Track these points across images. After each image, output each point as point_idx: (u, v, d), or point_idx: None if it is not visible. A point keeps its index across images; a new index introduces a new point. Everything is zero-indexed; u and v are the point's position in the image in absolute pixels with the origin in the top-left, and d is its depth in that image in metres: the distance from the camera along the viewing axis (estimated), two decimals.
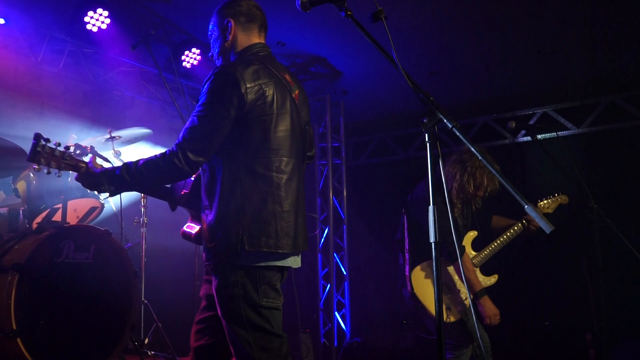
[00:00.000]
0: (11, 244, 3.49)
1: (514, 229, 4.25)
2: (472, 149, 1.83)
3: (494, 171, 1.83)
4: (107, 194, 2.47)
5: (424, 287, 3.89)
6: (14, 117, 5.46)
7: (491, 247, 4.20)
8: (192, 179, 2.64)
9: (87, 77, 5.74)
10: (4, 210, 3.95)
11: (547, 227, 1.68)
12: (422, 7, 5.02)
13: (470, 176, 3.99)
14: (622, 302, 5.73)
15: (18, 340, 3.21)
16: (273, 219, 2.39)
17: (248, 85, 2.37)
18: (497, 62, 6.11)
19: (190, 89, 6.44)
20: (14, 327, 3.20)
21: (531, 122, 7.01)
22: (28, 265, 3.28)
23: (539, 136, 4.73)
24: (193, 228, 2.61)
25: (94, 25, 5.16)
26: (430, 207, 1.92)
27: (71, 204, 3.91)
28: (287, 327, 5.76)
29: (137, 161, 2.40)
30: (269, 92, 2.43)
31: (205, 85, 2.41)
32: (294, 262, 2.54)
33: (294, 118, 2.52)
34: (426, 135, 1.96)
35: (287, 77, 2.58)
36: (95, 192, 2.54)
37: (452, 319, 3.81)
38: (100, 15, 5.14)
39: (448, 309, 3.86)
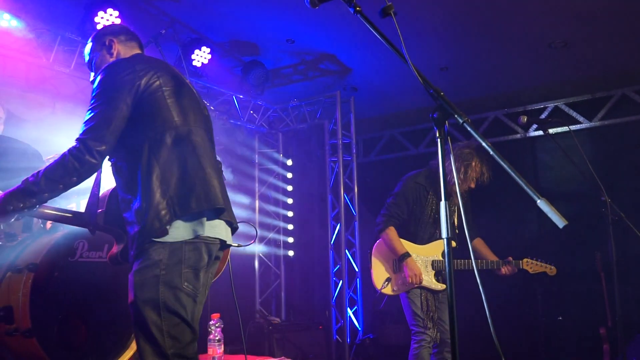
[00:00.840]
0: (26, 244, 3.51)
1: (487, 262, 4.41)
2: (484, 144, 1.81)
3: (505, 165, 1.82)
4: (14, 217, 2.39)
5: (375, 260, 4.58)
6: (26, 117, 5.50)
7: (459, 262, 4.38)
8: (107, 195, 2.59)
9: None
10: None
11: (560, 222, 1.66)
12: (432, 2, 4.99)
13: (465, 169, 4.36)
14: (636, 297, 5.69)
15: (34, 339, 3.22)
16: (199, 183, 2.36)
17: (138, 69, 2.45)
18: (507, 56, 6.07)
19: (201, 87, 6.45)
20: (30, 325, 3.21)
21: (542, 117, 6.97)
22: (43, 265, 3.29)
23: (550, 130, 4.71)
24: (118, 248, 2.53)
25: (104, 25, 5.18)
26: (442, 203, 1.90)
27: (84, 204, 3.93)
28: (303, 323, 5.79)
29: (38, 171, 2.35)
30: (160, 74, 2.49)
31: (97, 80, 2.44)
32: (226, 234, 2.50)
33: (192, 91, 2.64)
34: (437, 131, 1.94)
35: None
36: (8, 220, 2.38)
37: (389, 292, 4.40)
38: (111, 15, 5.16)
39: (387, 280, 4.41)
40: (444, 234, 1.89)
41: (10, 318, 3.22)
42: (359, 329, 6.96)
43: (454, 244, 4.43)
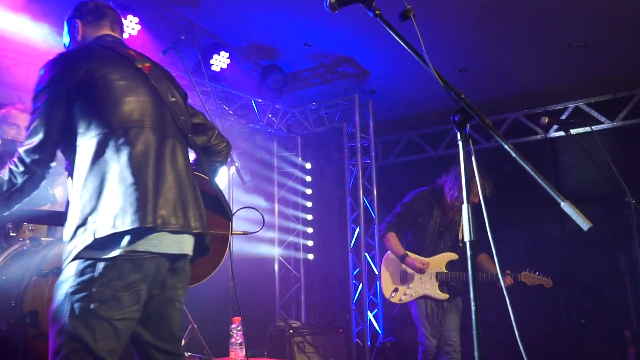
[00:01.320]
0: (50, 248, 3.56)
1: (487, 275, 4.57)
2: (507, 147, 1.80)
3: (527, 167, 1.81)
4: None
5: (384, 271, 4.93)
6: None
7: (461, 275, 4.66)
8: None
9: None
10: None
11: (584, 224, 1.64)
12: (450, 3, 4.98)
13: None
14: None
15: None
16: (122, 196, 2.04)
17: (74, 65, 2.19)
18: (527, 57, 6.03)
19: (220, 92, 6.49)
20: None
21: (563, 117, 6.91)
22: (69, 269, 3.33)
23: (572, 131, 4.66)
24: None
25: (124, 32, 5.24)
26: (464, 206, 1.89)
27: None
28: (323, 326, 5.80)
29: None
30: (100, 68, 2.19)
31: (38, 77, 2.23)
32: (178, 246, 2.16)
33: (143, 86, 2.26)
34: (458, 133, 1.93)
35: (132, 52, 2.38)
36: None
37: (396, 301, 4.77)
38: (131, 21, 5.22)
39: (395, 290, 4.77)
40: (466, 237, 1.88)
41: (36, 322, 3.27)
42: (380, 332, 6.94)
43: (456, 256, 4.70)
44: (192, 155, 2.50)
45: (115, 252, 1.99)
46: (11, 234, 4.00)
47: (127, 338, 2.08)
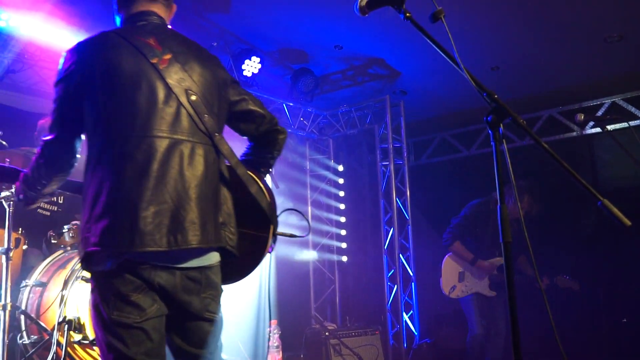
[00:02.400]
0: None
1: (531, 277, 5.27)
2: (543, 145, 1.79)
3: (566, 165, 1.80)
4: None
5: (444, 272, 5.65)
6: None
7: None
8: None
9: None
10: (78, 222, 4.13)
11: (624, 222, 1.63)
12: (480, 1, 4.94)
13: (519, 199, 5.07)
14: None
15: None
16: (108, 212, 1.92)
17: (77, 59, 2.06)
18: (560, 52, 5.94)
19: None
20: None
21: (599, 113, 6.79)
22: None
23: (608, 127, 4.59)
24: None
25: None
26: (499, 207, 1.89)
27: None
28: (359, 328, 5.80)
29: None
30: (95, 62, 2.04)
31: None
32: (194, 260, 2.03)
33: (153, 88, 2.03)
34: (491, 134, 1.92)
35: (151, 41, 2.10)
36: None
37: (454, 296, 5.47)
38: None
39: (453, 288, 5.48)
40: (502, 237, 1.87)
41: (79, 327, 3.34)
42: (416, 333, 6.91)
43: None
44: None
45: (112, 265, 1.92)
46: (52, 241, 4.11)
47: (161, 332, 2.03)
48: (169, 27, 2.30)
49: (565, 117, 7.09)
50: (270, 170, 2.50)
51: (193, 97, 2.08)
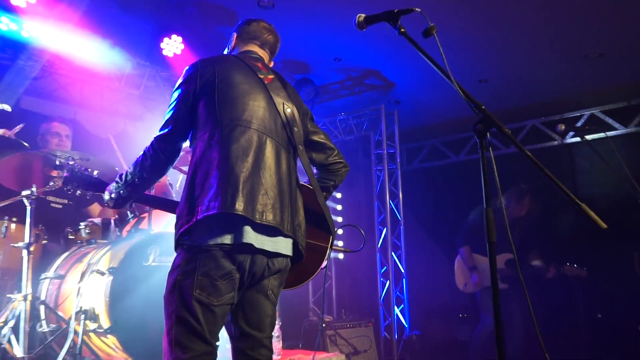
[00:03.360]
0: (105, 249, 3.64)
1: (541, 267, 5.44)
2: (526, 153, 1.81)
3: (547, 172, 1.81)
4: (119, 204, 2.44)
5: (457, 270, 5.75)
6: (101, 136, 5.71)
7: (513, 271, 5.28)
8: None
9: (166, 99, 5.93)
10: (99, 220, 4.14)
11: (600, 225, 1.64)
12: (470, 17, 4.96)
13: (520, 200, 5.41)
14: None
15: (113, 336, 3.33)
16: (226, 183, 2.06)
17: (201, 66, 2.29)
18: (543, 67, 5.96)
19: None
20: (110, 324, 3.33)
21: (579, 124, 6.82)
22: (121, 269, 3.40)
23: (587, 137, 4.61)
24: None
25: (169, 50, 5.35)
26: (484, 209, 1.90)
27: (155, 213, 4.05)
28: (353, 320, 5.81)
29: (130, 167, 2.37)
30: (221, 70, 2.28)
31: None
32: (274, 245, 2.13)
33: (260, 94, 2.30)
34: (479, 142, 1.94)
35: (259, 64, 2.45)
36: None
37: (467, 291, 5.60)
38: (175, 41, 5.32)
39: (465, 284, 5.59)
40: (487, 238, 1.88)
41: (94, 317, 3.35)
42: (406, 325, 6.91)
43: (512, 255, 5.13)
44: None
45: (212, 242, 2.03)
46: (70, 237, 4.12)
47: (224, 321, 2.13)
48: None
49: (547, 127, 7.10)
50: (328, 195, 2.65)
51: (288, 110, 2.36)
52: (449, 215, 7.57)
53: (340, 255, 7.71)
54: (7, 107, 4.14)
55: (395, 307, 6.89)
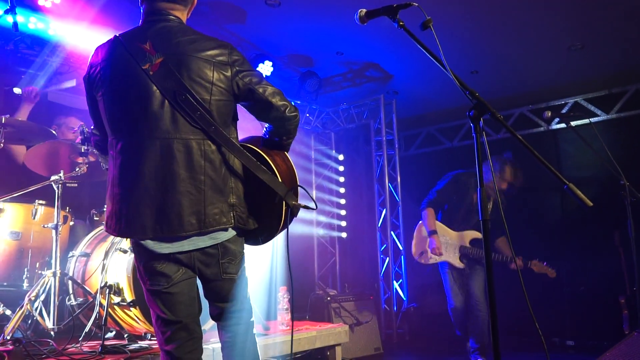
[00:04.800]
0: None
1: (502, 256, 4.72)
2: (516, 136, 1.78)
3: (535, 155, 1.78)
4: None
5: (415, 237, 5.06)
6: None
7: (479, 251, 4.71)
8: None
9: None
10: None
11: (586, 203, 1.62)
12: (462, 12, 4.90)
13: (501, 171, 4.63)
14: None
15: (136, 308, 3.34)
16: (110, 201, 1.97)
17: (90, 63, 2.05)
18: (531, 58, 5.89)
19: None
20: (132, 297, 3.33)
21: (564, 111, 6.76)
22: None
23: (572, 123, 4.56)
24: None
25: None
26: (479, 189, 1.87)
27: None
28: (356, 294, 5.82)
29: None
30: (101, 69, 1.98)
31: None
32: (155, 245, 1.97)
33: (143, 92, 1.93)
34: (473, 127, 1.91)
35: (147, 46, 1.97)
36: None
37: (421, 261, 4.90)
38: None
39: (422, 253, 4.87)
40: (481, 215, 1.86)
41: (118, 291, 3.35)
42: (404, 299, 6.92)
43: (480, 235, 4.61)
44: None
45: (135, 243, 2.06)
46: (95, 218, 4.11)
47: (191, 294, 2.09)
48: (177, 24, 2.07)
49: (534, 115, 7.04)
50: (283, 148, 2.29)
51: (182, 97, 1.92)
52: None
53: (344, 234, 7.71)
54: (17, 90, 4.15)
55: (395, 282, 6.89)
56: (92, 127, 2.20)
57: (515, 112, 7.17)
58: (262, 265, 5.14)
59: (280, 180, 2.12)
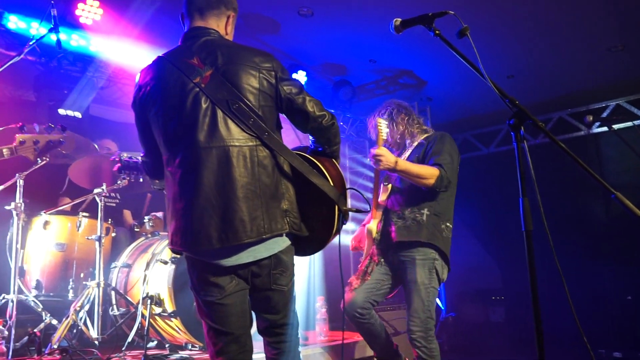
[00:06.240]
0: (168, 240, 3.69)
1: None
2: (560, 144, 1.74)
3: (581, 162, 1.74)
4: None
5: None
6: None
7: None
8: None
9: None
10: (161, 214, 4.22)
11: (636, 213, 1.57)
12: (496, 16, 4.84)
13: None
14: None
15: (177, 319, 3.39)
16: (173, 217, 1.97)
17: (138, 85, 2.08)
18: (569, 61, 5.77)
19: None
20: (173, 308, 3.38)
21: (604, 115, 6.58)
22: (182, 258, 3.41)
23: (614, 126, 4.44)
24: None
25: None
26: (521, 199, 1.83)
27: None
28: (393, 303, 5.76)
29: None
30: (151, 89, 2.02)
31: None
32: (214, 259, 1.95)
33: (196, 104, 1.96)
34: (513, 135, 1.87)
35: (195, 60, 2.02)
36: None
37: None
38: None
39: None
40: (523, 226, 1.81)
41: (159, 302, 3.41)
42: (442, 308, 6.83)
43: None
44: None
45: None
46: (136, 230, 4.20)
47: (243, 306, 2.07)
48: (218, 37, 2.13)
49: (574, 118, 6.88)
50: (333, 156, 2.29)
51: (235, 106, 1.96)
52: (480, 204, 7.43)
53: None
54: (78, 114, 4.26)
55: None
56: (141, 155, 2.24)
57: (553, 116, 7.02)
58: (300, 275, 5.15)
59: (332, 184, 2.12)
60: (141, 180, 3.42)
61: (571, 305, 1.85)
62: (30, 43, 2.90)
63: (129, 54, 4.91)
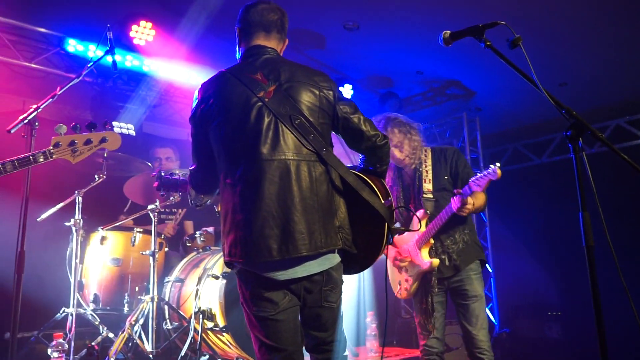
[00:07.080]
0: (219, 255, 3.76)
1: None
2: (621, 155, 1.67)
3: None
4: None
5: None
6: None
7: None
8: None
9: None
10: (211, 229, 4.30)
11: None
12: (548, 24, 4.72)
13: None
14: None
15: (228, 334, 3.42)
16: (232, 229, 1.98)
17: (199, 99, 2.12)
18: (623, 66, 5.56)
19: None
20: (224, 323, 3.42)
21: None
22: (233, 273, 3.46)
23: None
24: None
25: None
26: (580, 214, 1.77)
27: None
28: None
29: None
30: (214, 101, 2.06)
31: None
32: (270, 272, 1.95)
33: (260, 117, 2.00)
34: (571, 146, 1.81)
35: (259, 75, 2.08)
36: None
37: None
38: None
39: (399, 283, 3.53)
40: (584, 242, 1.75)
41: (211, 317, 3.45)
42: (495, 323, 6.64)
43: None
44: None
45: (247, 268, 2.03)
46: (187, 244, 4.29)
47: (296, 322, 2.08)
48: (277, 56, 2.23)
49: (632, 126, 6.60)
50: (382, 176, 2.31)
51: (297, 121, 2.02)
52: (533, 215, 7.21)
53: None
54: (132, 132, 4.39)
55: None
56: (191, 168, 2.26)
57: (610, 124, 6.76)
58: (349, 290, 5.13)
59: (382, 202, 2.13)
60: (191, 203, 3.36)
61: (636, 316, 1.76)
62: (89, 65, 3.00)
63: (180, 73, 5.07)
